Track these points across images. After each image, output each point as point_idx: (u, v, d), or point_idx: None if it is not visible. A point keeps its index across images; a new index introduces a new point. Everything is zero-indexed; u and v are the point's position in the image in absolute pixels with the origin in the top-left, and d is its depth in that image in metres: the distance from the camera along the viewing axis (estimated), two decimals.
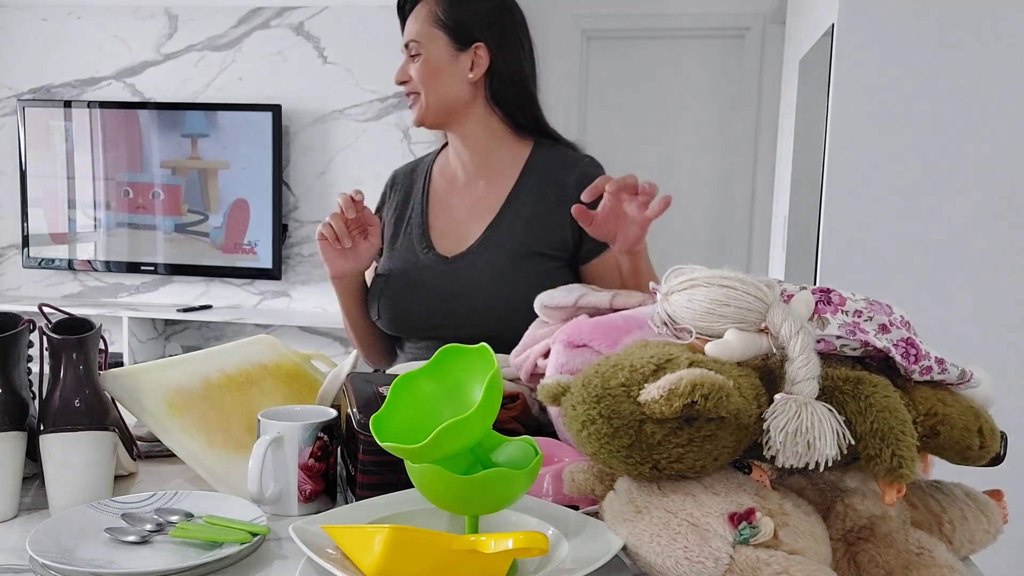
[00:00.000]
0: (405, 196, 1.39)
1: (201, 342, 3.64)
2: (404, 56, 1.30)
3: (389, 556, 0.57)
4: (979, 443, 0.67)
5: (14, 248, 3.70)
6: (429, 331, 1.28)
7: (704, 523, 0.59)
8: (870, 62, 2.27)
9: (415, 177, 1.41)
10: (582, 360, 0.86)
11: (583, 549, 0.64)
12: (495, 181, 1.31)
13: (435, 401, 0.68)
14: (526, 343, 1.02)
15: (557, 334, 0.92)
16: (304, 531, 0.64)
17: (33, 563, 0.64)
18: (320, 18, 3.43)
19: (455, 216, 1.32)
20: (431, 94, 1.27)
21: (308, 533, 0.64)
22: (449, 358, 0.68)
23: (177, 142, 3.48)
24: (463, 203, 1.32)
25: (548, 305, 1.00)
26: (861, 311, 0.67)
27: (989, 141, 2.23)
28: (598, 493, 0.67)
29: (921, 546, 0.62)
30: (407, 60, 1.29)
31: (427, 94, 1.27)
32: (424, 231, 1.32)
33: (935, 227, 2.28)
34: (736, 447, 0.62)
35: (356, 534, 0.60)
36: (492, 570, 0.59)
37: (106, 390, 0.82)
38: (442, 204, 1.35)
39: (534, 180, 1.30)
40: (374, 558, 0.57)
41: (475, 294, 1.23)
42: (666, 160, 3.80)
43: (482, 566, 0.58)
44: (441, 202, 1.35)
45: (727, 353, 0.63)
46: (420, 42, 1.27)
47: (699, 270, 0.66)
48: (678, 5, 3.67)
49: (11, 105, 3.63)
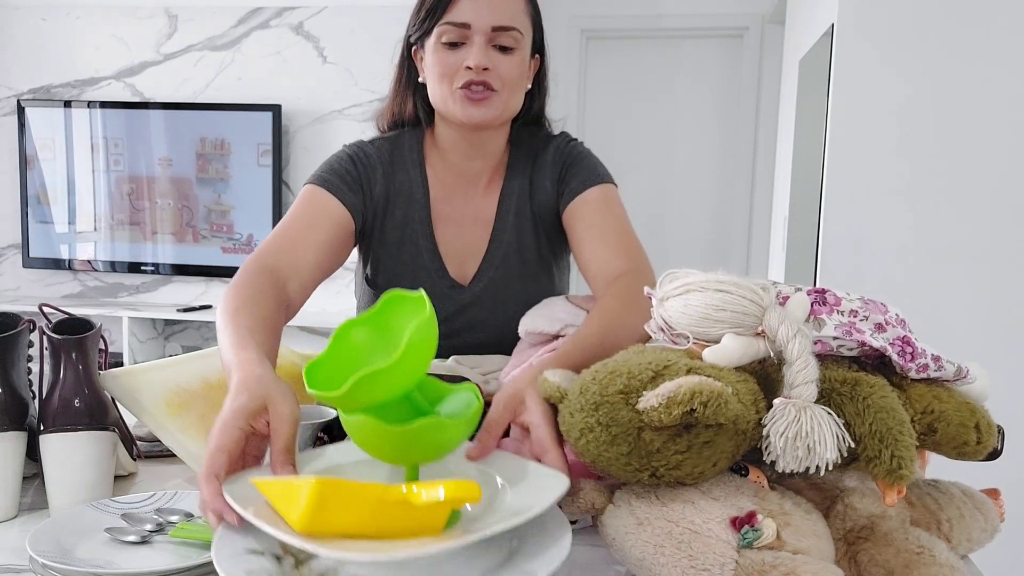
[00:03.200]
0: (400, 191, 1.21)
1: (201, 342, 3.64)
2: (480, 41, 1.08)
3: (316, 509, 0.54)
4: (976, 439, 0.67)
5: (14, 248, 3.70)
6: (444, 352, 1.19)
7: (706, 529, 0.59)
8: (870, 62, 2.27)
9: (404, 169, 1.22)
10: None
11: (530, 496, 0.62)
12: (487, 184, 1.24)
13: (373, 351, 0.66)
14: (514, 363, 1.02)
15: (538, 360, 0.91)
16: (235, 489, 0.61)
17: (33, 563, 0.64)
18: (320, 18, 3.43)
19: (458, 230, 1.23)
20: (513, 98, 1.14)
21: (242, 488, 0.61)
22: (389, 307, 0.66)
23: (177, 142, 3.48)
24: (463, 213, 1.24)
25: (531, 331, 1.01)
26: (857, 311, 0.67)
27: (989, 141, 2.23)
28: (598, 507, 0.67)
29: (921, 545, 0.62)
30: (489, 48, 1.09)
31: (509, 96, 1.12)
32: (434, 249, 1.21)
33: (935, 227, 2.28)
34: (735, 452, 0.62)
35: (283, 487, 0.57)
36: (426, 521, 0.57)
37: (106, 390, 0.82)
38: (443, 218, 1.23)
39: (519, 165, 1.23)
40: (300, 511, 0.54)
41: (500, 322, 1.16)
42: (665, 160, 3.80)
43: (415, 517, 0.56)
44: (442, 215, 1.23)
45: (725, 358, 0.63)
46: (523, 35, 1.11)
47: (694, 274, 0.66)
48: (677, 5, 3.67)
49: (11, 105, 3.63)
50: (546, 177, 1.22)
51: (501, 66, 1.10)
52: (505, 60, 1.10)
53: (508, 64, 1.10)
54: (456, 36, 1.09)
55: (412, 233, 1.21)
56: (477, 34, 1.08)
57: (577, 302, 1.04)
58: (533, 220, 1.23)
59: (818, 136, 2.50)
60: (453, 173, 1.23)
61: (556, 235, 1.24)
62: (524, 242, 1.23)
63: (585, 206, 1.16)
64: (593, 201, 1.16)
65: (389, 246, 1.22)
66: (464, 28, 1.08)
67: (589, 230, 1.14)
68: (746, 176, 3.74)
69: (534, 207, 1.23)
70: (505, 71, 1.10)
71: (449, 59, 1.10)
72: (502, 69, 1.10)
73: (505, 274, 1.23)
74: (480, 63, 1.07)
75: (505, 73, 1.10)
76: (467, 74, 1.09)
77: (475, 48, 1.08)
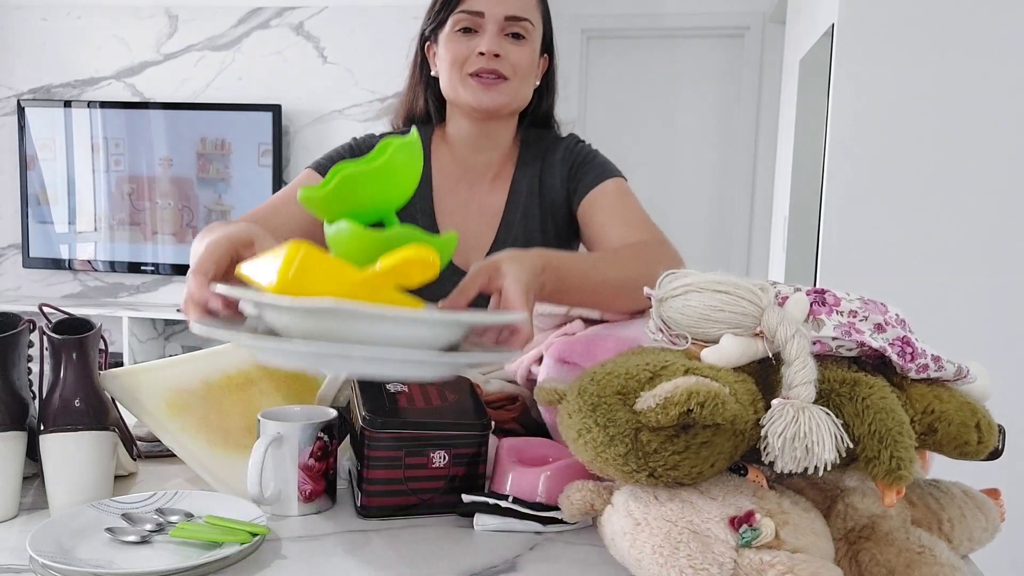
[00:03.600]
0: None
1: (201, 342, 3.64)
2: (493, 29, 1.12)
3: (289, 268, 0.57)
4: (977, 438, 0.67)
5: (14, 248, 3.70)
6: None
7: (705, 529, 0.59)
8: (870, 62, 2.27)
9: None
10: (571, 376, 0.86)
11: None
12: (494, 178, 1.27)
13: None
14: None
15: (550, 345, 0.91)
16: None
17: (33, 563, 0.65)
18: (320, 18, 3.43)
19: (463, 222, 1.25)
20: (523, 88, 1.17)
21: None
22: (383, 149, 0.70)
23: (177, 142, 3.48)
24: (467, 205, 1.26)
25: (541, 312, 1.00)
26: (856, 311, 0.67)
27: (989, 141, 2.23)
28: (597, 508, 0.67)
29: (922, 544, 0.62)
30: (501, 37, 1.13)
31: (519, 85, 1.15)
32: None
33: (935, 226, 2.28)
34: (733, 453, 0.62)
35: (264, 260, 0.62)
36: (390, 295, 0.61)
37: (106, 390, 0.82)
38: (447, 209, 1.26)
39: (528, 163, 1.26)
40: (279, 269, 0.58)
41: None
42: (666, 160, 3.80)
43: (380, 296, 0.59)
44: (446, 207, 1.26)
45: (723, 359, 0.63)
46: (535, 27, 1.15)
47: (693, 275, 0.66)
48: (678, 5, 3.67)
49: (11, 105, 3.63)
50: (555, 176, 1.24)
51: (512, 54, 1.13)
52: (516, 49, 1.13)
53: (519, 52, 1.14)
54: (470, 23, 1.13)
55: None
56: (490, 23, 1.12)
57: None
58: (542, 216, 1.25)
59: (818, 136, 2.50)
60: (459, 167, 1.26)
61: (566, 231, 1.26)
62: (532, 236, 1.24)
63: (603, 196, 1.19)
64: (611, 192, 1.19)
65: None
66: (478, 16, 1.13)
67: (611, 217, 1.16)
68: (746, 176, 3.74)
69: (544, 204, 1.25)
70: (516, 59, 1.13)
71: (462, 46, 1.14)
72: (513, 57, 1.13)
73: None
74: (492, 49, 1.11)
75: (516, 61, 1.13)
76: (479, 60, 1.13)
77: (488, 35, 1.12)
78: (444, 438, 0.78)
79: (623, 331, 0.90)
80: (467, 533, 0.75)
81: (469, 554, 0.70)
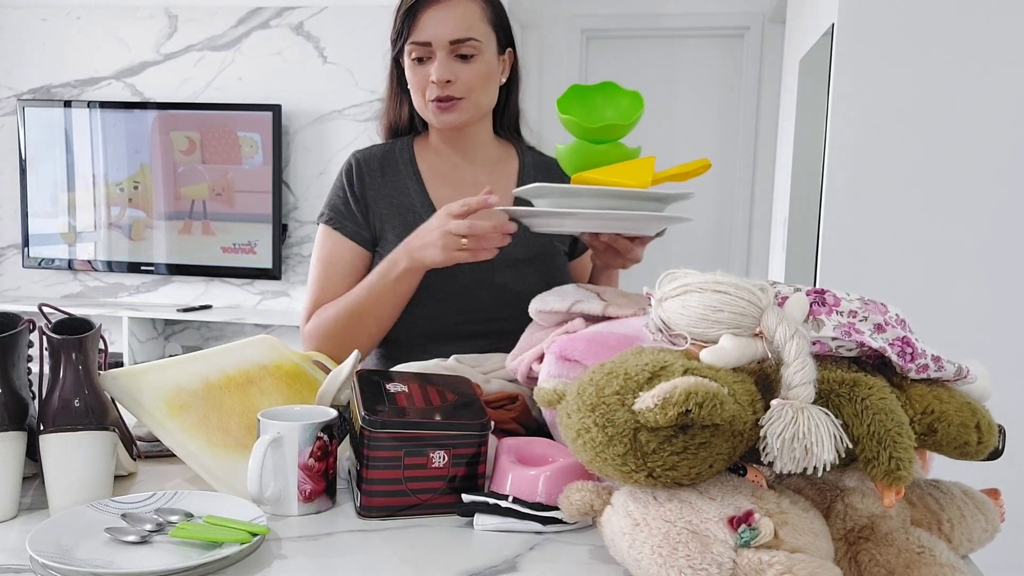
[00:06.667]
0: (395, 187, 1.29)
1: (201, 342, 3.64)
2: (441, 55, 1.19)
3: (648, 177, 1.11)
4: (977, 438, 0.67)
5: (14, 248, 3.70)
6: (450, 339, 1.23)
7: (703, 529, 0.59)
8: (870, 62, 2.27)
9: (396, 169, 1.30)
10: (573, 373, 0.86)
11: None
12: (496, 179, 1.31)
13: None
14: (522, 346, 1.02)
15: (551, 342, 0.92)
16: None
17: (33, 563, 0.65)
18: (320, 18, 3.43)
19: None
20: (483, 98, 1.24)
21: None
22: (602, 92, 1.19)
23: (177, 142, 3.48)
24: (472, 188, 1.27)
25: (542, 310, 1.00)
26: (856, 311, 0.67)
27: (989, 140, 2.23)
28: (596, 508, 0.67)
29: (922, 545, 0.62)
30: (451, 60, 1.19)
31: (478, 98, 1.23)
32: None
33: (935, 226, 2.28)
34: (732, 453, 0.62)
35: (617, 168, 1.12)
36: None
37: (106, 390, 0.82)
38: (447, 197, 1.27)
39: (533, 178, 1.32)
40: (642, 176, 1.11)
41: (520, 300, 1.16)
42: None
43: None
44: (443, 199, 1.27)
45: (722, 359, 0.63)
46: (481, 42, 1.20)
47: (692, 275, 0.66)
48: (678, 5, 3.67)
49: (11, 105, 3.63)
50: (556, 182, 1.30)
51: (463, 74, 1.20)
52: (466, 68, 1.20)
53: (469, 71, 1.20)
54: (421, 53, 1.21)
55: (414, 217, 1.26)
56: (439, 49, 1.19)
57: (587, 286, 1.05)
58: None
59: (818, 136, 2.50)
60: (447, 163, 1.32)
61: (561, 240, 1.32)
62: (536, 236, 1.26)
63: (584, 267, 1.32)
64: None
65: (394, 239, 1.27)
66: (426, 46, 1.20)
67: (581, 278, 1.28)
68: (746, 176, 3.74)
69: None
70: (467, 78, 1.20)
71: (419, 74, 1.22)
72: (464, 76, 1.20)
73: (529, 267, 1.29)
74: (442, 77, 1.19)
75: (467, 80, 1.20)
76: (434, 88, 1.21)
77: (437, 63, 1.19)
78: (444, 438, 0.78)
79: (624, 329, 0.90)
80: (467, 533, 0.75)
81: (469, 554, 0.70)
